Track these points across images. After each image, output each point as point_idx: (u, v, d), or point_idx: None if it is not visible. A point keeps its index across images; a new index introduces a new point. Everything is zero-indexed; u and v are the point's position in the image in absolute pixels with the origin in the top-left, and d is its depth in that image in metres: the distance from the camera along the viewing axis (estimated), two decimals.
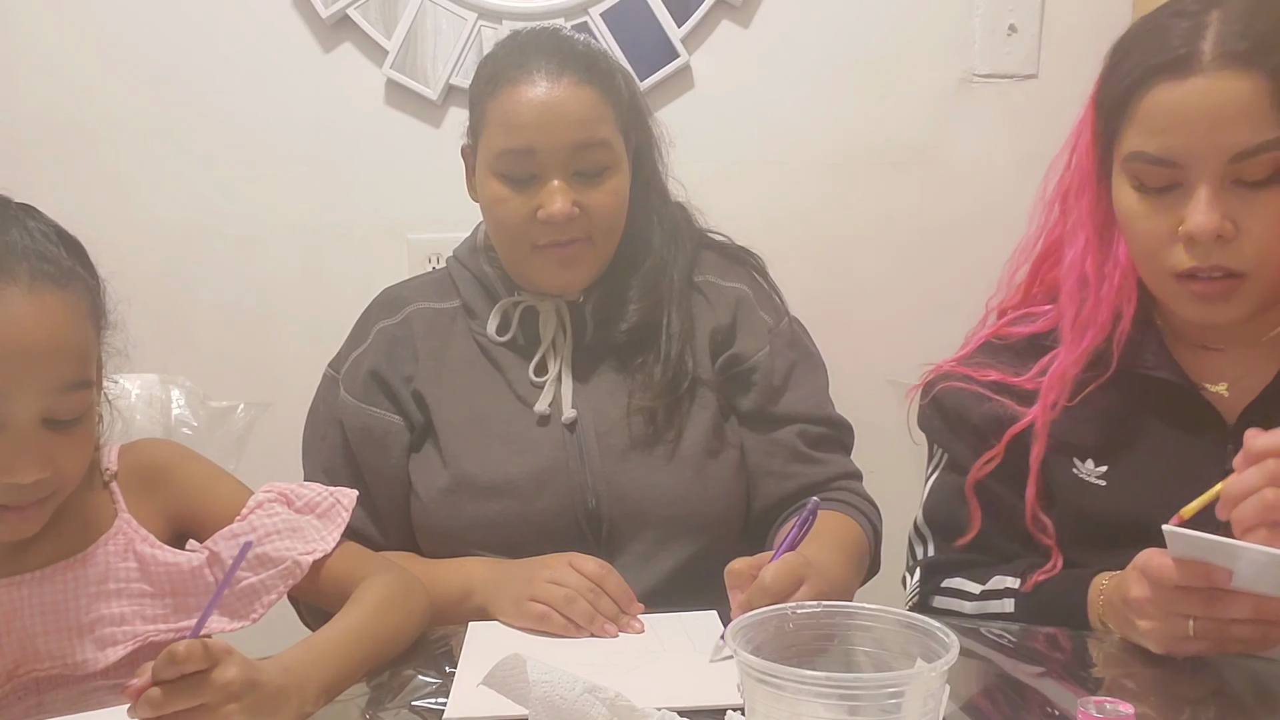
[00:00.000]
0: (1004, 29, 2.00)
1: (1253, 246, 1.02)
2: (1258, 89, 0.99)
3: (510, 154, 1.27)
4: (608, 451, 1.30)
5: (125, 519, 1.09)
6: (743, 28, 1.99)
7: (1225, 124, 1.00)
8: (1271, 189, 1.01)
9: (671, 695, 0.91)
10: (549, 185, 1.26)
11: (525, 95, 1.26)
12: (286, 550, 1.10)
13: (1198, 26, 1.02)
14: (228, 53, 1.97)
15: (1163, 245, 1.05)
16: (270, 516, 1.12)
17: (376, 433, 1.33)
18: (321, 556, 1.12)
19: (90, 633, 1.05)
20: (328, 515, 1.16)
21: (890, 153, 2.02)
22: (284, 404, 1.52)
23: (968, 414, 1.20)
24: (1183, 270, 1.05)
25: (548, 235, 1.28)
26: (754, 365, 1.35)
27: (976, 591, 1.18)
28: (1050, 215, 1.20)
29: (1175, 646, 0.96)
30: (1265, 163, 1.00)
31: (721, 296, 1.38)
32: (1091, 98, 1.13)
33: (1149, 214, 1.06)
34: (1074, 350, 1.14)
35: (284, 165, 2.00)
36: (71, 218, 2.07)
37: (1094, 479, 1.14)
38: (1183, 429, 1.11)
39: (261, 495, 1.15)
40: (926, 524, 1.26)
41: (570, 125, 1.26)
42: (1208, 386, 1.12)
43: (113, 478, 1.11)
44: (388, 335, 1.37)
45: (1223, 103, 1.00)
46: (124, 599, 1.07)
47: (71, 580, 1.05)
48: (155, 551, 1.09)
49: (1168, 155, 1.03)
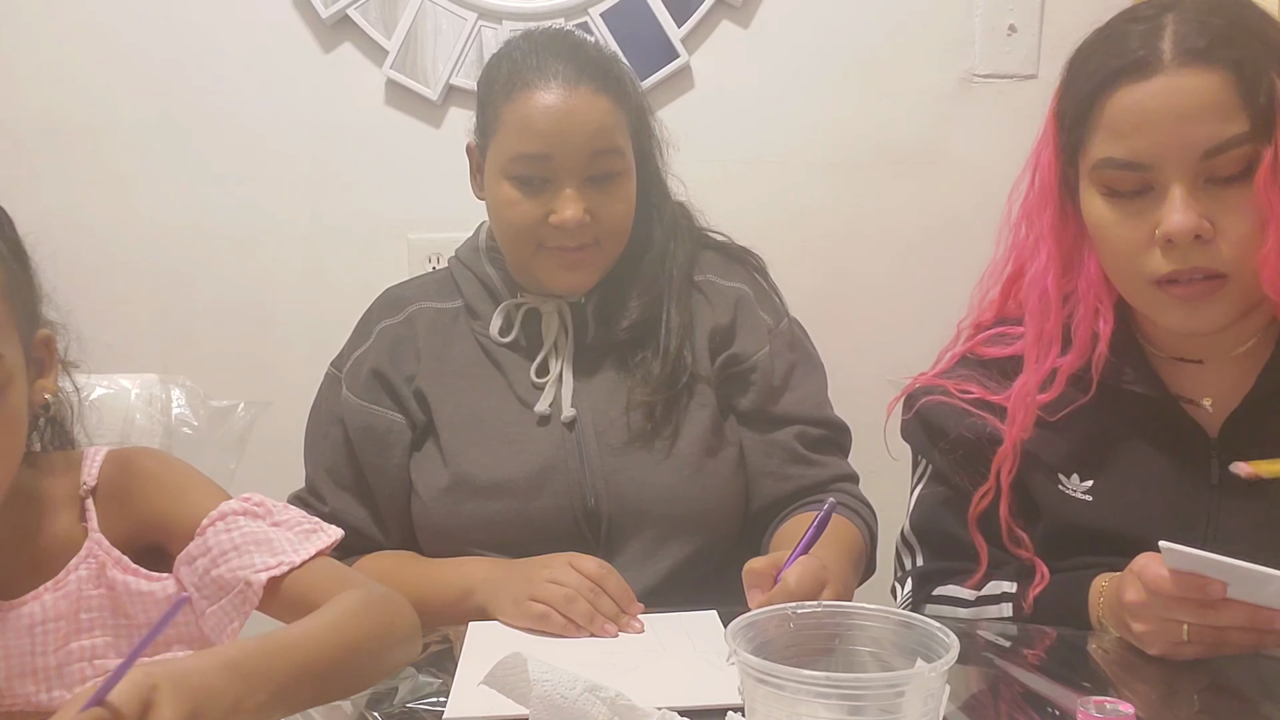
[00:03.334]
0: (1004, 29, 2.00)
1: (1231, 245, 1.00)
2: (1222, 83, 0.98)
3: (525, 158, 1.27)
4: (607, 449, 1.30)
5: (96, 539, 1.01)
6: (743, 28, 1.99)
7: (1192, 121, 0.99)
8: (1244, 184, 0.99)
9: (672, 695, 0.91)
10: (563, 193, 1.27)
11: (542, 101, 1.26)
12: (240, 569, 0.97)
13: (1155, 29, 1.01)
14: (228, 53, 1.97)
15: (1139, 251, 1.03)
16: (227, 532, 0.99)
17: (378, 431, 1.33)
18: (284, 571, 0.97)
19: (59, 674, 0.98)
20: (306, 536, 1.02)
21: (890, 153, 2.02)
22: (284, 403, 1.52)
23: (950, 428, 1.19)
24: (1162, 275, 1.02)
25: (556, 239, 1.28)
26: (753, 365, 1.35)
27: (971, 598, 1.17)
28: (1017, 236, 1.18)
29: (1170, 650, 0.96)
30: (1236, 158, 0.99)
31: (721, 296, 1.38)
32: (1051, 111, 1.12)
33: (1122, 221, 1.04)
34: (1038, 371, 1.12)
35: (284, 165, 2.00)
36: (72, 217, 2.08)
37: (1080, 494, 1.13)
38: (1166, 443, 1.10)
39: (228, 505, 1.02)
40: (914, 535, 1.26)
41: (588, 134, 1.26)
42: (1190, 400, 1.11)
43: (89, 493, 1.02)
44: (390, 334, 1.37)
45: (1188, 100, 0.99)
46: (95, 631, 1.00)
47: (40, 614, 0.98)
48: (128, 578, 1.01)
49: (1136, 158, 1.01)
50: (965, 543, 1.19)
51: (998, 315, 1.22)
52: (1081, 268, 1.12)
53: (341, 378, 1.37)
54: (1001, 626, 1.13)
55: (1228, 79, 0.98)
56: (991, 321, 1.23)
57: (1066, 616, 1.09)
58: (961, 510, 1.19)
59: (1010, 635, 1.10)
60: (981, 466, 1.16)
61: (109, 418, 1.35)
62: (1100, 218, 1.06)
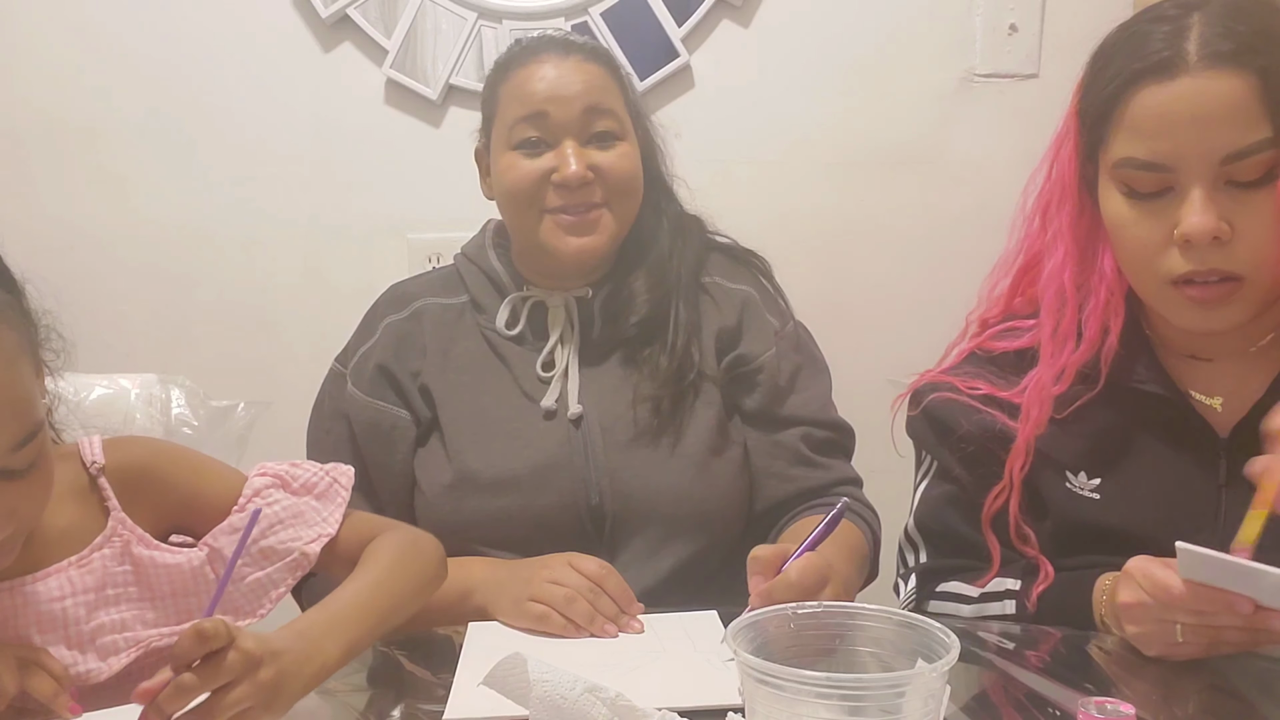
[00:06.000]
0: (1004, 29, 2.00)
1: (1248, 249, 1.01)
2: (1246, 88, 0.98)
3: (524, 121, 1.31)
4: (612, 446, 1.30)
5: (120, 518, 1.03)
6: (743, 28, 1.99)
7: (1215, 125, 0.99)
8: (1264, 189, 1.00)
9: (672, 695, 0.91)
10: (563, 149, 1.30)
11: (536, 71, 1.32)
12: (291, 541, 1.07)
13: (1180, 29, 1.01)
14: (228, 53, 1.98)
15: (1157, 251, 1.04)
16: (270, 506, 1.08)
17: (384, 427, 1.33)
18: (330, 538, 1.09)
19: (92, 643, 1.00)
20: (326, 495, 1.12)
21: (890, 153, 2.02)
22: (284, 403, 1.52)
23: (958, 425, 1.19)
24: (1179, 276, 1.03)
25: (560, 199, 1.30)
26: (760, 366, 1.35)
27: (974, 594, 1.17)
28: (1030, 228, 1.18)
29: (1166, 651, 0.96)
30: (1257, 163, 0.99)
31: (728, 298, 1.38)
32: (1073, 107, 1.12)
33: (1140, 220, 1.05)
34: (1053, 365, 1.13)
35: (284, 165, 2.00)
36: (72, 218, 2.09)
37: (1087, 492, 1.13)
38: (1175, 442, 1.11)
39: (257, 481, 1.10)
40: (918, 532, 1.26)
41: (580, 91, 1.31)
42: (1200, 399, 1.11)
43: (100, 471, 1.04)
44: (396, 330, 1.37)
45: (1211, 104, 0.99)
46: (123, 605, 1.03)
47: (68, 587, 1.00)
48: (153, 553, 1.04)
49: (1158, 159, 1.02)
50: (969, 540, 1.19)
51: (1005, 311, 1.23)
52: (1095, 262, 1.12)
53: (346, 374, 1.37)
54: (1003, 627, 1.13)
55: (1252, 84, 0.98)
56: (999, 318, 1.23)
57: (1070, 616, 1.09)
58: (966, 507, 1.19)
59: (1011, 635, 1.10)
60: (990, 464, 1.16)
61: (109, 418, 1.35)
62: (1119, 216, 1.06)
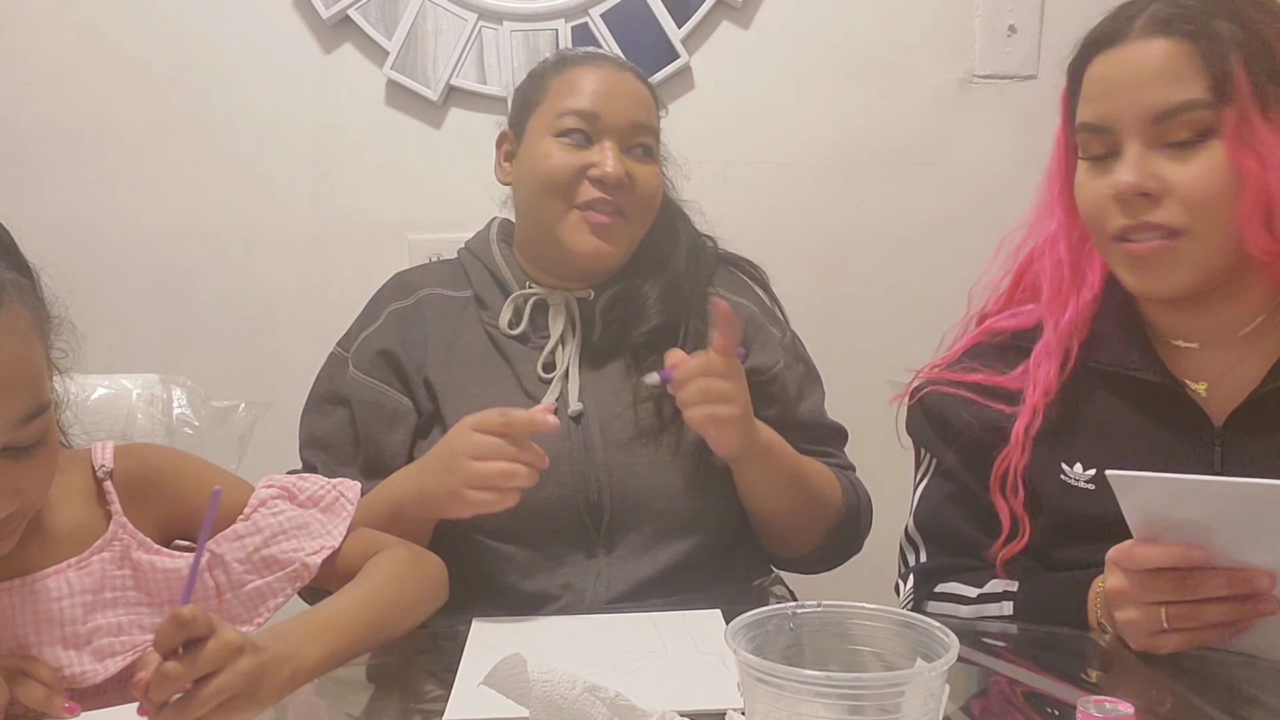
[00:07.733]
0: (1004, 29, 2.00)
1: (1181, 204, 1.03)
2: (1178, 50, 1.03)
3: (574, 114, 1.33)
4: (612, 443, 1.31)
5: (121, 522, 1.04)
6: (743, 28, 1.99)
7: (1145, 86, 1.04)
8: (1198, 149, 1.03)
9: (672, 695, 0.91)
10: (606, 148, 1.32)
11: (594, 73, 1.36)
12: (293, 551, 1.08)
13: (1139, 7, 1.07)
14: (228, 53, 1.98)
15: (1102, 209, 1.08)
16: (275, 515, 1.09)
17: (386, 409, 1.34)
18: (333, 550, 1.10)
19: (88, 644, 1.00)
20: (332, 508, 1.13)
21: (890, 153, 2.02)
22: (285, 403, 1.52)
23: (955, 419, 1.19)
24: (1115, 231, 1.07)
25: (590, 194, 1.31)
26: (772, 378, 1.37)
27: (973, 595, 1.17)
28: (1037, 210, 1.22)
29: (1152, 642, 0.96)
30: (1185, 123, 1.03)
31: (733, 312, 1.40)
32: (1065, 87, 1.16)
33: (1090, 182, 1.10)
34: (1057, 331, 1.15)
35: (284, 166, 2.00)
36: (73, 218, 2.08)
37: (1082, 483, 1.13)
38: (1169, 430, 1.11)
39: (264, 492, 1.11)
40: (918, 530, 1.26)
41: (631, 103, 1.36)
42: (1189, 385, 1.12)
43: (107, 475, 1.05)
44: (399, 317, 1.38)
45: (1143, 66, 1.04)
46: (121, 608, 1.03)
47: (66, 588, 1.00)
48: (153, 558, 1.04)
49: (1101, 121, 1.07)
50: (968, 538, 1.19)
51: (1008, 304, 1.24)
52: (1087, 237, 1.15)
53: (349, 357, 1.37)
54: (1002, 626, 1.13)
55: (1184, 47, 1.03)
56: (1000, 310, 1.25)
57: (1066, 617, 1.09)
58: (965, 504, 1.20)
59: (1011, 635, 1.10)
60: (988, 454, 1.17)
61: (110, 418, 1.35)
62: (1079, 180, 1.12)
